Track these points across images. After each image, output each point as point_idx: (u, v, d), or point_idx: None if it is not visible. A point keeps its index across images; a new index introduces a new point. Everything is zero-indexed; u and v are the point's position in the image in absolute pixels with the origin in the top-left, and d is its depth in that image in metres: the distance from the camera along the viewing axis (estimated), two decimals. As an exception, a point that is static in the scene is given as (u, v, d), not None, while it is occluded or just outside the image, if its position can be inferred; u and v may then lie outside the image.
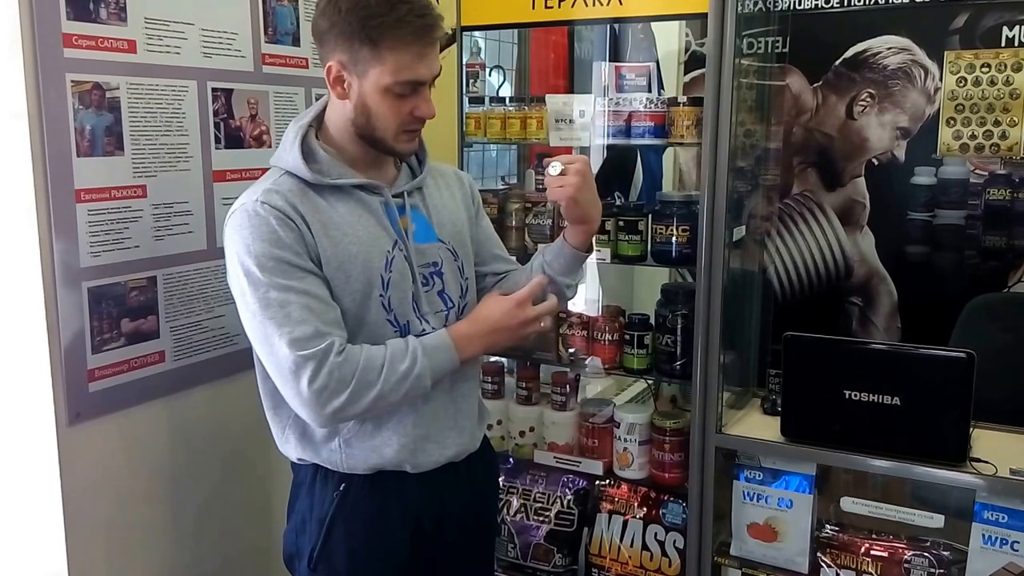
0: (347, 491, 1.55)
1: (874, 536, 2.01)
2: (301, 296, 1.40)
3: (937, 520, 1.90)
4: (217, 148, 1.95)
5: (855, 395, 1.89)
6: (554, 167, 1.60)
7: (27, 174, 1.61)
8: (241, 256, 1.41)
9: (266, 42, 2.05)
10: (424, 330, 1.55)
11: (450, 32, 2.53)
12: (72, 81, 1.65)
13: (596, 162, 2.65)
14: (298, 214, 1.44)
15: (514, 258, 1.86)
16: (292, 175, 1.48)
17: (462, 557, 1.67)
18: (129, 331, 1.79)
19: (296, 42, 2.13)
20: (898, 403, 1.86)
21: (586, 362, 2.31)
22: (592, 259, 2.21)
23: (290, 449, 1.58)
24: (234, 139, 1.99)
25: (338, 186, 1.50)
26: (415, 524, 1.58)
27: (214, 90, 1.93)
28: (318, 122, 1.56)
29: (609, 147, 2.31)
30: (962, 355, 1.81)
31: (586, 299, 2.58)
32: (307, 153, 1.50)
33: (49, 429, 1.67)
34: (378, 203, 1.54)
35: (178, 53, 1.84)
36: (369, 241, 1.50)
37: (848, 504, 1.99)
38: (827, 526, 2.06)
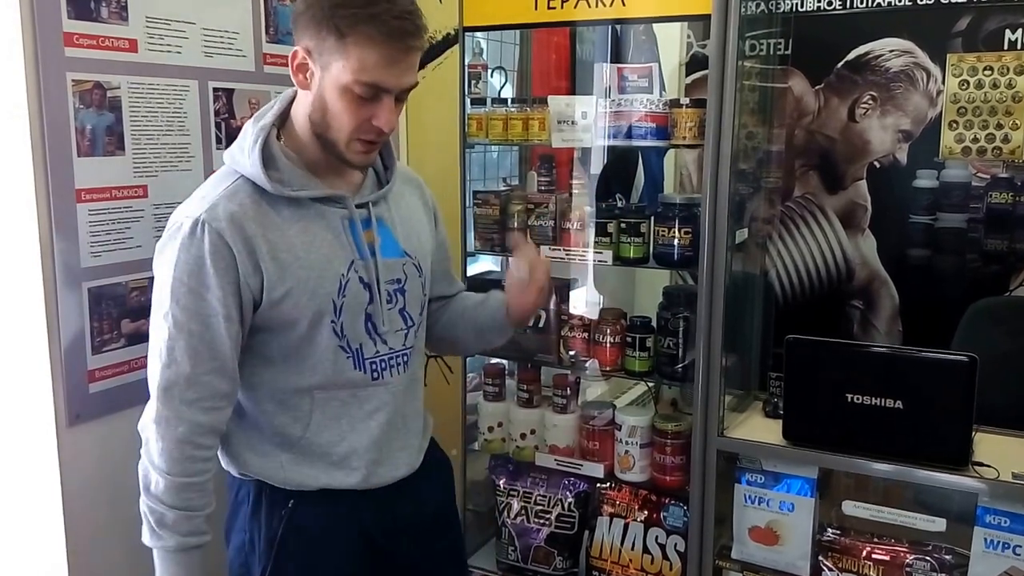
0: (295, 508, 1.48)
1: (876, 540, 2.01)
2: (191, 339, 1.36)
3: (939, 524, 1.90)
4: (218, 148, 1.95)
5: (857, 398, 1.89)
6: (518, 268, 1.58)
7: (28, 174, 1.61)
8: (163, 264, 1.38)
9: (267, 42, 2.06)
10: (378, 352, 1.49)
11: (435, 42, 2.53)
12: (73, 80, 1.65)
13: (598, 164, 2.66)
14: (242, 237, 1.35)
15: (460, 281, 1.83)
16: (249, 182, 1.40)
17: (429, 560, 1.62)
18: (129, 332, 1.79)
19: (298, 42, 2.12)
20: (900, 407, 1.86)
21: (586, 364, 2.31)
22: (592, 260, 2.24)
23: (232, 464, 1.51)
24: (235, 139, 1.97)
25: (296, 199, 1.40)
26: (367, 540, 1.53)
27: (215, 90, 1.93)
28: (281, 120, 1.45)
29: (610, 148, 2.31)
30: (964, 359, 1.81)
31: (587, 301, 2.58)
32: (267, 159, 1.40)
33: (49, 430, 1.67)
34: (339, 217, 1.45)
35: (179, 52, 1.85)
36: (321, 265, 1.42)
37: (850, 508, 1.98)
38: (829, 530, 2.06)
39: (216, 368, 1.37)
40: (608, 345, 2.27)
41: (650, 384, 2.40)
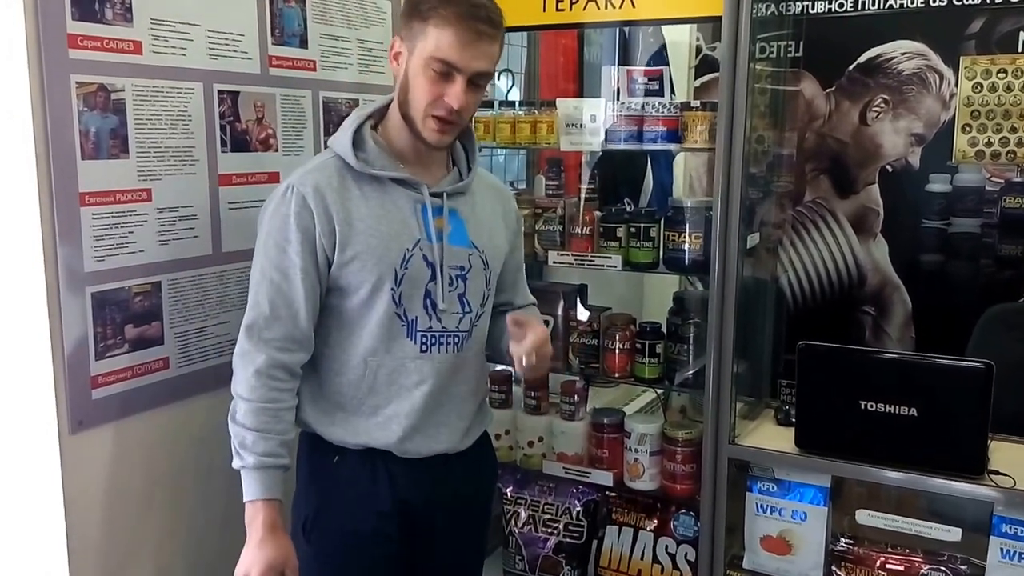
0: (340, 463, 1.65)
1: (890, 549, 2.01)
2: (272, 286, 1.57)
3: (954, 533, 1.89)
4: (223, 151, 1.94)
5: (871, 406, 1.89)
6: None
7: (31, 177, 1.60)
8: (264, 220, 1.61)
9: (273, 44, 2.05)
10: (431, 327, 1.64)
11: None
12: (77, 82, 1.64)
13: (607, 168, 2.66)
14: (323, 203, 1.56)
15: (533, 298, 1.92)
16: (340, 158, 1.61)
17: (452, 543, 1.74)
18: (133, 337, 1.79)
19: (304, 44, 2.12)
20: (915, 414, 1.85)
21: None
22: (601, 265, 2.23)
23: (297, 416, 1.67)
24: (240, 142, 1.99)
25: (377, 177, 1.60)
26: (404, 503, 1.66)
27: (220, 92, 1.93)
28: (380, 115, 1.66)
29: (619, 152, 2.31)
30: (980, 366, 1.80)
31: (594, 307, 2.58)
32: (358, 141, 1.61)
33: (51, 437, 1.66)
34: (413, 200, 1.63)
35: (184, 55, 1.84)
36: (389, 236, 1.59)
37: (863, 517, 1.98)
38: (842, 539, 2.05)
39: (291, 315, 1.58)
40: (617, 351, 2.27)
41: (659, 391, 2.39)
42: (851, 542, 2.05)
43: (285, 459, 1.60)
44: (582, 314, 2.39)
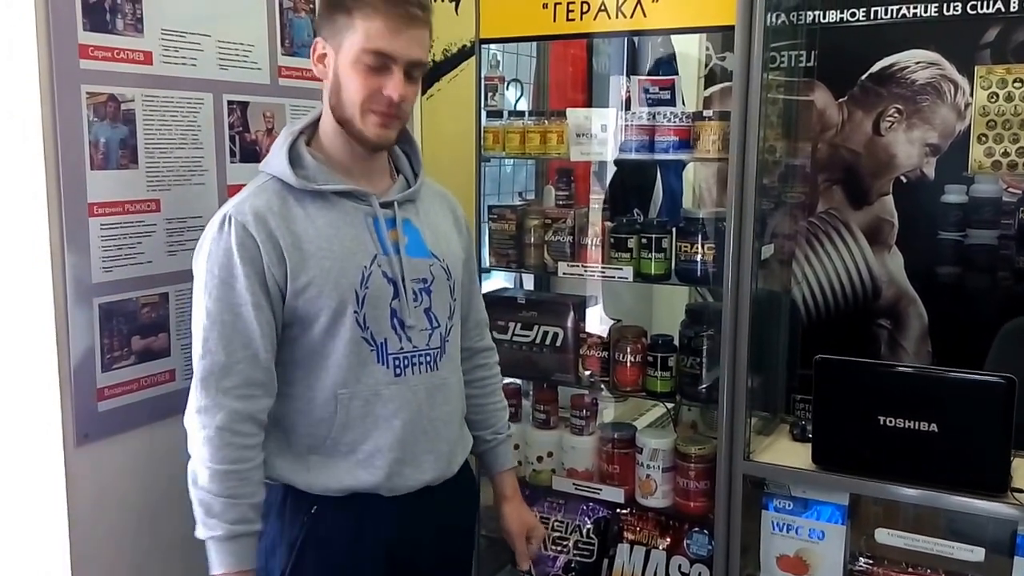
0: (318, 514, 1.54)
1: (910, 570, 1.99)
2: (224, 328, 1.46)
3: (977, 553, 1.88)
4: (232, 162, 1.96)
5: (890, 421, 1.88)
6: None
7: (40, 186, 1.62)
8: (199, 260, 1.49)
9: (283, 54, 2.07)
10: (402, 348, 1.55)
11: (456, 50, 2.52)
12: (87, 93, 1.67)
13: (616, 178, 2.67)
14: (266, 230, 1.46)
15: (488, 333, 1.86)
16: (278, 180, 1.52)
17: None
18: (140, 349, 1.80)
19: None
20: (935, 430, 1.84)
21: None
22: (612, 277, 2.23)
23: (263, 468, 1.55)
24: (250, 153, 2.00)
25: (321, 193, 1.51)
26: (388, 549, 1.57)
27: (230, 103, 1.95)
28: (312, 130, 1.58)
29: (628, 162, 2.31)
30: (1002, 380, 1.79)
31: (602, 319, 2.58)
32: (294, 159, 1.52)
33: (56, 450, 1.67)
34: (363, 214, 1.54)
35: (194, 65, 1.86)
36: (343, 256, 1.50)
37: (883, 536, 1.97)
38: (861, 559, 2.04)
39: (249, 357, 1.47)
40: (628, 364, 2.27)
41: (669, 406, 2.38)
42: (870, 562, 2.03)
43: (257, 524, 1.49)
44: (597, 325, 2.37)
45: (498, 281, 2.75)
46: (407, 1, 1.46)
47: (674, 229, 2.22)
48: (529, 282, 2.78)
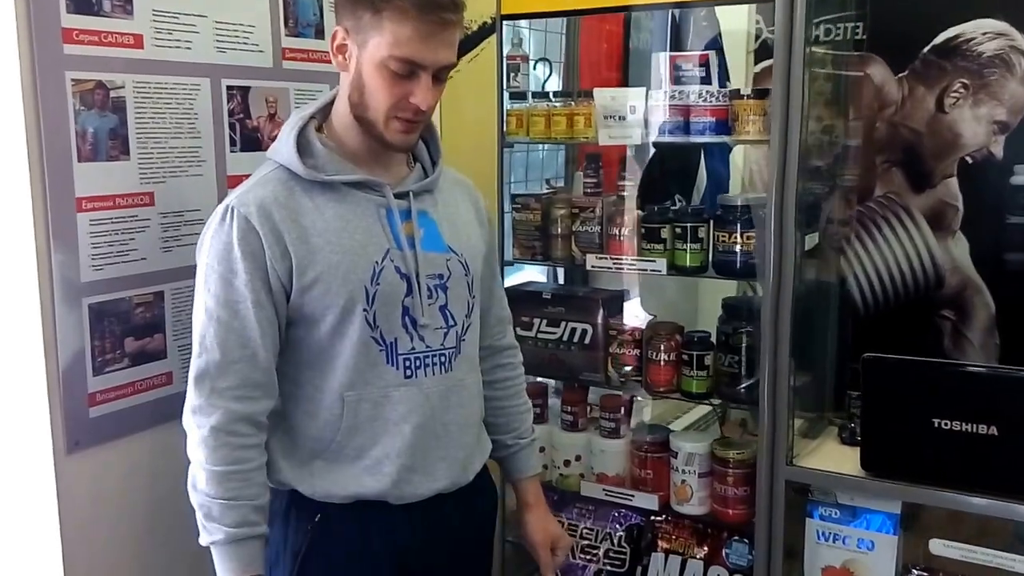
0: (324, 522, 1.52)
1: (968, 584, 1.93)
2: (221, 327, 1.43)
3: (1042, 567, 1.81)
4: (232, 151, 1.93)
5: (945, 424, 1.82)
6: None
7: (23, 181, 1.59)
8: (201, 254, 1.48)
9: (286, 35, 2.03)
10: (414, 348, 1.52)
11: (477, 28, 2.48)
12: (73, 80, 1.63)
13: (652, 162, 2.57)
14: (270, 223, 1.43)
15: (510, 331, 1.82)
16: (284, 169, 1.49)
17: None
18: (133, 351, 1.77)
19: (319, 35, 2.10)
20: (995, 433, 1.79)
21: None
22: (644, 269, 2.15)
23: (268, 472, 1.54)
24: (251, 141, 1.97)
25: (331, 184, 1.48)
26: (399, 560, 1.54)
27: (229, 88, 1.91)
28: (323, 114, 1.55)
29: (668, 145, 2.22)
30: (1071, 379, 1.71)
31: (639, 314, 2.50)
32: (303, 146, 1.49)
33: (46, 458, 1.65)
34: (376, 205, 1.51)
35: (189, 48, 1.82)
36: (355, 250, 1.47)
37: (938, 547, 1.92)
38: (914, 570, 2.00)
39: (247, 356, 1.44)
40: (662, 363, 2.19)
41: (714, 404, 2.31)
42: (924, 574, 1.98)
43: (261, 527, 1.47)
44: (634, 320, 2.32)
45: (529, 274, 2.69)
46: (440, 5, 1.40)
47: (711, 218, 2.13)
48: (562, 275, 2.72)
